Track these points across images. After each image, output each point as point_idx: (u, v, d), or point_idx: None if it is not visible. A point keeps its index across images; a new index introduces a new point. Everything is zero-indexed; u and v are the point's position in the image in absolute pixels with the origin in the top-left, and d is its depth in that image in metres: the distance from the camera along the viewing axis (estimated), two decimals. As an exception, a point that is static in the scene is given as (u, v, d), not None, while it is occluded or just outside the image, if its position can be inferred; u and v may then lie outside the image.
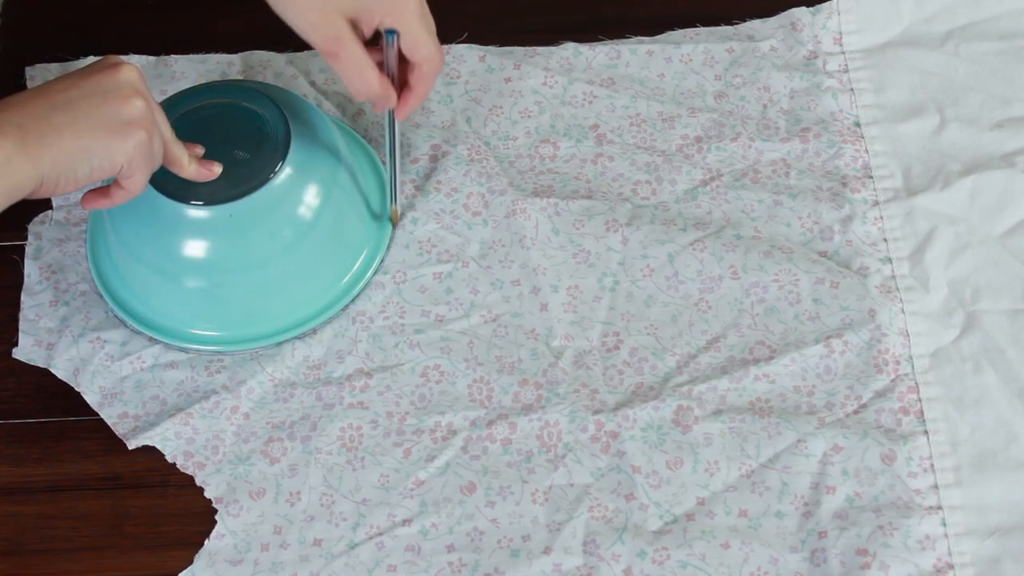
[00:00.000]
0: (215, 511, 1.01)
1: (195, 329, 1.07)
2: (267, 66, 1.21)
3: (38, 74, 1.21)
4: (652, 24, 1.23)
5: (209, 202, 1.02)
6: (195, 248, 1.04)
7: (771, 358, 1.06)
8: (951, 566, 0.97)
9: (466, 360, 1.06)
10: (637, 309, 1.08)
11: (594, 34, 1.22)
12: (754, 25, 1.23)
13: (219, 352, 1.07)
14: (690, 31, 1.23)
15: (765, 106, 1.18)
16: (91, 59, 1.21)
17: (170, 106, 1.06)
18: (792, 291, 1.08)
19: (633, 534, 0.99)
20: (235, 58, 1.22)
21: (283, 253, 1.05)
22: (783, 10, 1.24)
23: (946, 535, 0.99)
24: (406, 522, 1.00)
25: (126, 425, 1.04)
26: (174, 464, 1.03)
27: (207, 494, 1.01)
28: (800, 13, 1.23)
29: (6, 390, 1.06)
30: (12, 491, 1.02)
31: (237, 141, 1.05)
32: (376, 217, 1.12)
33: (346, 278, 1.09)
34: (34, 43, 1.23)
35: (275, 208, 1.04)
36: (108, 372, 1.07)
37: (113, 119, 0.94)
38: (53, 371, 1.06)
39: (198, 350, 1.07)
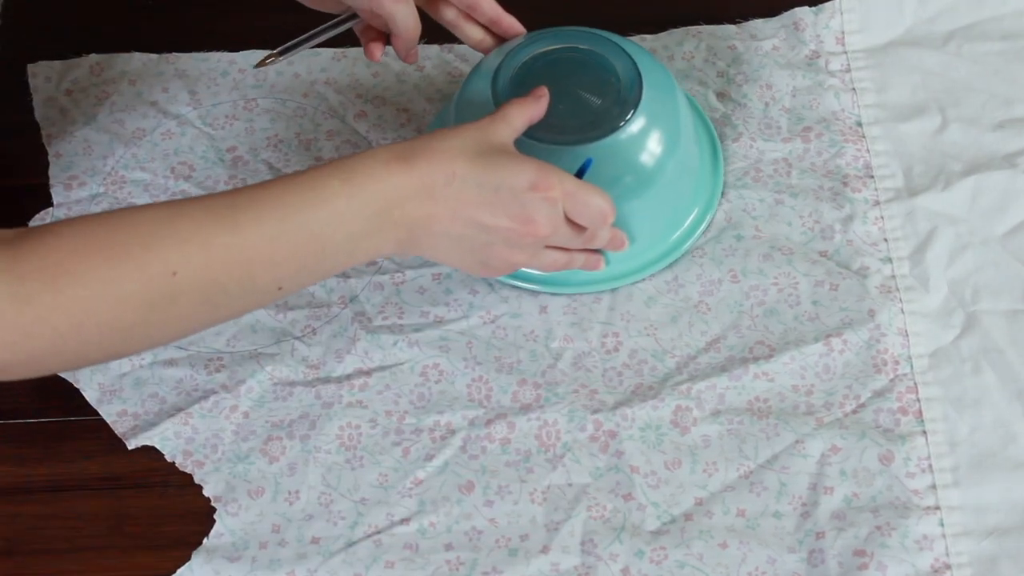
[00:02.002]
0: (215, 511, 1.01)
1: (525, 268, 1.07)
2: (269, 65, 1.21)
3: (40, 71, 1.21)
4: (654, 24, 1.23)
5: (560, 143, 1.04)
6: None
7: (771, 356, 1.06)
8: (948, 566, 0.97)
9: (465, 359, 1.07)
10: (637, 309, 1.09)
11: (596, 33, 1.22)
12: (756, 24, 1.23)
13: (546, 292, 1.09)
14: (693, 28, 1.23)
15: (767, 104, 1.18)
16: (93, 57, 1.22)
17: (523, 47, 1.08)
18: (792, 294, 1.08)
19: (631, 534, 0.99)
20: (237, 56, 1.22)
21: (622, 200, 1.03)
22: (786, 10, 1.24)
23: (944, 535, 0.99)
24: (404, 521, 1.00)
25: (125, 423, 1.05)
26: (174, 464, 1.03)
27: (206, 492, 1.02)
28: (803, 12, 1.23)
29: (6, 390, 1.06)
30: (12, 491, 1.02)
31: (588, 86, 1.06)
32: (711, 173, 1.14)
33: (676, 234, 1.11)
34: (34, 42, 1.23)
35: (621, 155, 1.05)
36: (107, 368, 1.07)
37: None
38: (53, 367, 1.07)
39: (526, 288, 1.09)
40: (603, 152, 1.04)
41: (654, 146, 1.06)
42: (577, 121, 1.05)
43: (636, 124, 1.06)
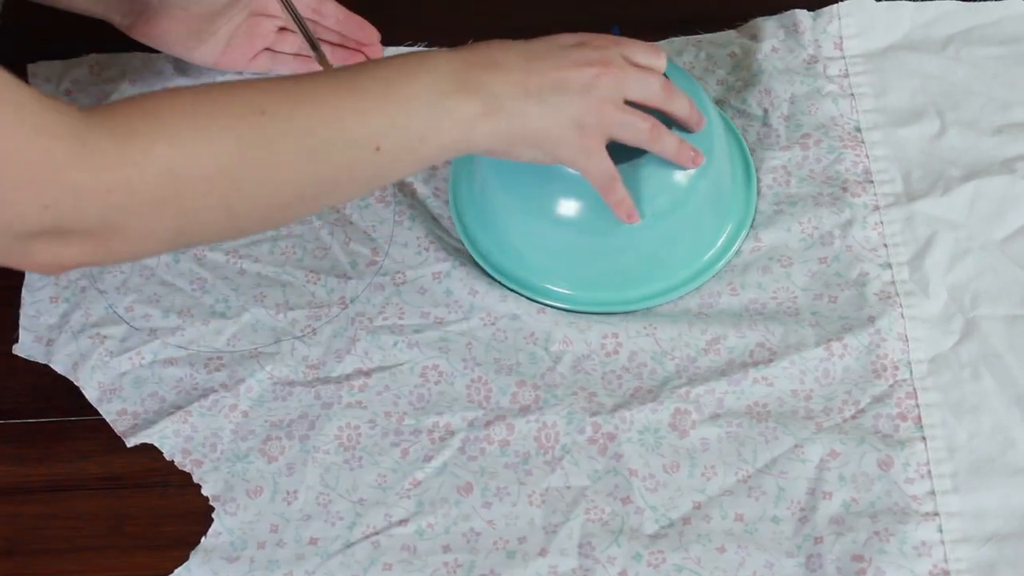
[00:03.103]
0: (214, 511, 1.01)
1: (551, 285, 1.09)
2: None
3: (40, 71, 1.21)
4: (654, 26, 1.22)
5: None
6: (567, 207, 1.05)
7: (770, 360, 1.06)
8: (947, 572, 0.97)
9: (464, 361, 1.07)
10: (638, 312, 1.09)
11: (597, 36, 1.21)
12: (756, 24, 1.23)
13: (571, 311, 1.09)
14: (692, 38, 1.23)
15: (766, 111, 1.18)
16: (93, 56, 1.22)
17: None
18: (791, 307, 1.08)
19: (629, 537, 0.99)
20: (239, 55, 1.22)
21: (654, 221, 1.05)
22: (785, 10, 1.23)
23: (942, 541, 0.99)
24: (402, 522, 1.00)
25: (125, 422, 1.05)
26: (174, 464, 1.03)
27: (204, 491, 1.02)
28: (801, 15, 1.23)
29: (6, 390, 1.07)
30: (12, 491, 1.02)
31: None
32: (744, 191, 1.13)
33: (709, 254, 1.10)
34: (35, 43, 1.23)
35: (655, 175, 1.04)
36: (107, 368, 1.07)
37: (579, 125, 0.98)
38: (53, 366, 1.07)
39: (551, 305, 1.09)
40: (636, 172, 1.03)
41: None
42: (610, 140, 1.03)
43: None
